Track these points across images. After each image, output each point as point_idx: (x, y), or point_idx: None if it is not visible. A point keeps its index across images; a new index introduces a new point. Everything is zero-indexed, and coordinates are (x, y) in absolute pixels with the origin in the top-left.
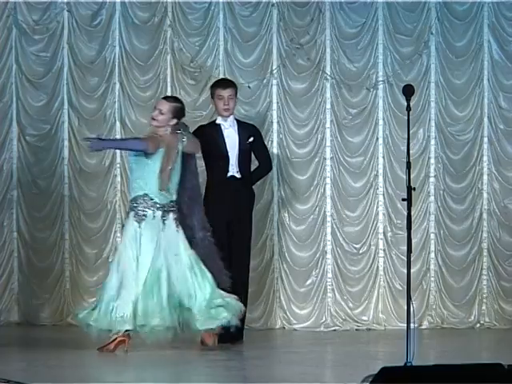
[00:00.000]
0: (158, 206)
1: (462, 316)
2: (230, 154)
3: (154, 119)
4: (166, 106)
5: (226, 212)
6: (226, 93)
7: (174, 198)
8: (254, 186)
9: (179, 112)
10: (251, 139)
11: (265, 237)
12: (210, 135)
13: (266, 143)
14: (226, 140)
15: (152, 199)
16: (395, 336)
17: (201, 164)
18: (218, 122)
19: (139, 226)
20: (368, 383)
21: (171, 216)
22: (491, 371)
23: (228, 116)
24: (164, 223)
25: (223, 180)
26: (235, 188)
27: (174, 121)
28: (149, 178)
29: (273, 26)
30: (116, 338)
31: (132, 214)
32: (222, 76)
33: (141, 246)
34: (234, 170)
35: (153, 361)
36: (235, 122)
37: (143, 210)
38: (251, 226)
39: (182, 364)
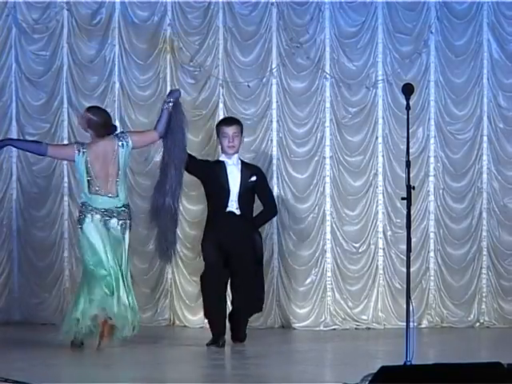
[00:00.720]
0: (96, 210)
1: (461, 315)
2: (231, 189)
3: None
4: (81, 115)
5: (223, 245)
6: (230, 130)
7: (123, 203)
8: None
9: (94, 126)
10: (254, 178)
11: (264, 236)
12: (212, 169)
13: (269, 183)
14: (229, 176)
15: (90, 205)
16: (395, 335)
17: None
18: (221, 159)
19: (81, 229)
20: (367, 382)
21: (114, 221)
22: (490, 370)
23: (233, 154)
24: (106, 226)
25: (222, 213)
26: (234, 224)
27: (90, 132)
28: (83, 183)
29: (272, 25)
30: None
31: (77, 220)
32: (221, 75)
33: (90, 247)
34: (233, 206)
35: (152, 359)
36: (239, 161)
37: (83, 215)
38: (253, 263)
39: (181, 363)
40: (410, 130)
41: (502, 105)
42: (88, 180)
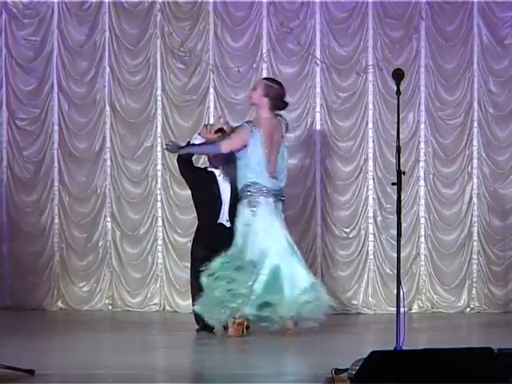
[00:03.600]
0: (267, 192)
1: (451, 300)
2: (222, 201)
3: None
4: (256, 84)
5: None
6: None
7: (282, 185)
8: None
9: (273, 95)
10: None
11: None
12: (204, 179)
13: None
14: (220, 187)
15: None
16: (385, 320)
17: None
18: (209, 169)
19: (253, 215)
20: (358, 367)
21: (280, 205)
22: (481, 355)
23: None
24: (276, 208)
25: (212, 225)
26: (223, 236)
27: (265, 103)
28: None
29: (263, 10)
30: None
31: (245, 201)
32: (211, 61)
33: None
34: (223, 218)
35: (142, 345)
36: None
37: (257, 197)
38: None
39: (172, 348)
40: (401, 116)
41: (493, 90)
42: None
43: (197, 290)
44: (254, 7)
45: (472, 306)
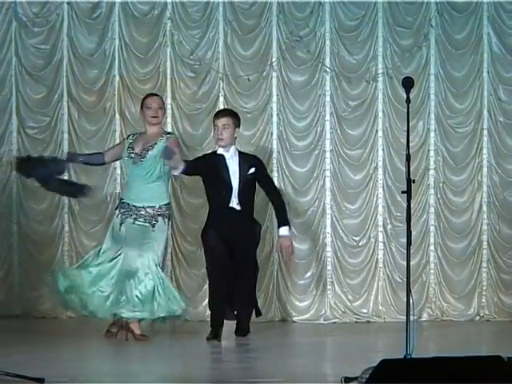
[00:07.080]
0: None
1: (461, 308)
2: (232, 184)
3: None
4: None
5: (226, 240)
6: (220, 122)
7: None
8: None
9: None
10: (252, 170)
11: (264, 229)
12: (213, 164)
13: (268, 171)
14: (230, 171)
15: None
16: (395, 328)
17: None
18: (218, 152)
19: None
20: (367, 375)
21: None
22: (490, 363)
23: (222, 146)
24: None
25: (223, 210)
26: (234, 220)
27: None
28: None
29: (272, 19)
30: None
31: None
32: (221, 69)
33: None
34: (234, 202)
35: (152, 353)
36: (237, 152)
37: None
38: (254, 260)
39: (182, 357)
40: (410, 124)
41: (502, 98)
42: None
43: (215, 286)
44: (263, 15)
45: (482, 315)
